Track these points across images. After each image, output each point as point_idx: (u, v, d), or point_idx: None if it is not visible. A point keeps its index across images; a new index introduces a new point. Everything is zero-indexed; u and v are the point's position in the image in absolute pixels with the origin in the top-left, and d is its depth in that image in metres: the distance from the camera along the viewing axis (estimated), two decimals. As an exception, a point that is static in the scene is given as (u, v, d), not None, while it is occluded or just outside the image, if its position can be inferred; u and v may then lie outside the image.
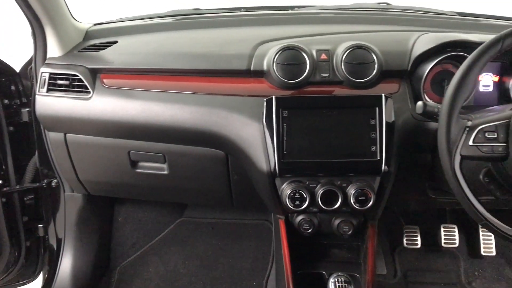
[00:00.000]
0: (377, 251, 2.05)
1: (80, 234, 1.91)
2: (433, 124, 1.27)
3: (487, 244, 2.02)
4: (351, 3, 1.89)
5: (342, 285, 1.08)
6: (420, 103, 1.14)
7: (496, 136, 1.01)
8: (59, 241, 1.88)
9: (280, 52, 1.32)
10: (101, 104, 1.42)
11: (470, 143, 1.01)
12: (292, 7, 1.87)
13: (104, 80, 1.45)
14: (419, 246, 2.03)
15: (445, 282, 2.00)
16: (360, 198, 1.27)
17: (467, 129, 1.02)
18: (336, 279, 1.10)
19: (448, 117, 1.02)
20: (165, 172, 1.53)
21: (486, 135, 1.01)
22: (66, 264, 1.87)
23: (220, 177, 1.51)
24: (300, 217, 1.41)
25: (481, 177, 1.07)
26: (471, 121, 1.03)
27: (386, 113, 1.25)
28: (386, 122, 1.25)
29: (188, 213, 2.26)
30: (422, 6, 1.87)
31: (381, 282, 1.98)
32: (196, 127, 1.36)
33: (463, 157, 1.01)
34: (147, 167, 1.56)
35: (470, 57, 1.03)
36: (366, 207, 1.27)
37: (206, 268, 2.07)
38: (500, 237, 1.03)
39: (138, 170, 1.56)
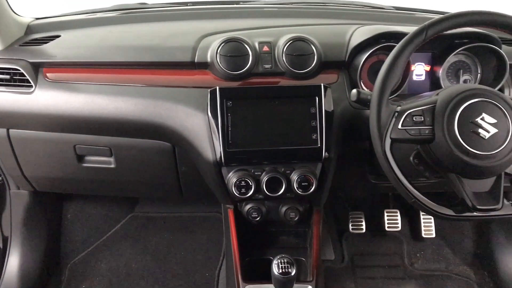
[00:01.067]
0: (325, 237, 2.13)
1: (27, 232, 1.87)
2: (369, 112, 1.34)
3: (428, 227, 2.13)
4: (294, -4, 1.95)
5: (284, 266, 1.13)
6: (354, 91, 1.20)
7: (422, 119, 1.08)
8: (5, 240, 1.84)
9: (223, 44, 1.36)
10: (44, 98, 1.41)
11: (399, 126, 1.07)
12: (237, 1, 1.90)
13: (47, 74, 1.43)
14: (364, 230, 2.12)
15: (389, 264, 2.10)
16: (303, 183, 1.32)
17: (396, 113, 1.08)
18: (279, 261, 1.14)
19: (378, 102, 1.08)
20: (112, 166, 1.53)
21: (414, 119, 1.08)
22: (13, 263, 1.83)
23: (168, 169, 1.53)
24: (248, 206, 1.45)
25: (411, 159, 1.14)
26: (400, 106, 1.10)
27: (325, 102, 1.31)
28: (326, 111, 1.30)
29: (139, 208, 2.26)
30: (362, 1, 1.96)
31: (330, 267, 2.06)
32: (141, 119, 1.37)
33: (393, 140, 1.07)
34: (93, 161, 1.55)
35: (397, 47, 1.10)
36: (309, 192, 1.33)
37: (159, 262, 2.08)
38: (429, 214, 1.10)
39: (84, 165, 1.55)
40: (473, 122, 1.05)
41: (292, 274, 1.13)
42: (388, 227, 2.11)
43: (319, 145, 1.31)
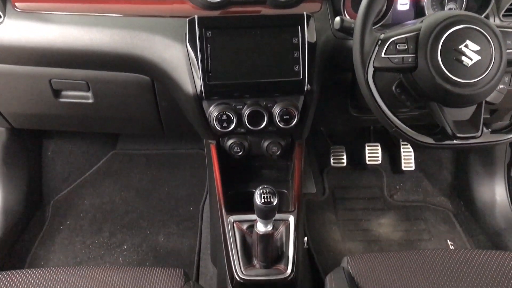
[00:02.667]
0: (307, 171, 2.16)
1: (7, 170, 1.85)
2: (352, 42, 1.32)
3: (407, 160, 2.18)
4: None
5: (267, 196, 1.14)
6: (337, 18, 1.17)
7: (406, 47, 1.06)
8: (-16, 178, 1.83)
9: None
10: (14, 29, 1.34)
11: (382, 55, 1.05)
12: None
13: (16, 4, 1.35)
14: (345, 164, 2.15)
15: (369, 196, 2.16)
16: (285, 117, 1.31)
17: (380, 41, 1.06)
18: (261, 191, 1.15)
19: (362, 29, 1.06)
20: (90, 101, 1.49)
21: (398, 46, 1.06)
22: None
23: (147, 104, 1.50)
24: (230, 141, 1.44)
25: (393, 88, 1.13)
26: (383, 34, 1.08)
27: (308, 32, 1.27)
28: (308, 41, 1.27)
29: (121, 145, 2.24)
30: None
31: (311, 200, 2.10)
32: (117, 51, 1.31)
33: (376, 69, 1.06)
34: (70, 96, 1.50)
35: None
36: (291, 126, 1.32)
37: (142, 197, 2.10)
38: (409, 142, 1.11)
39: (61, 100, 1.51)
40: (456, 49, 1.03)
41: (274, 203, 1.14)
42: (368, 161, 2.15)
43: (301, 77, 1.28)
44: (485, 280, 1.09)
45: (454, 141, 1.08)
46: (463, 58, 1.03)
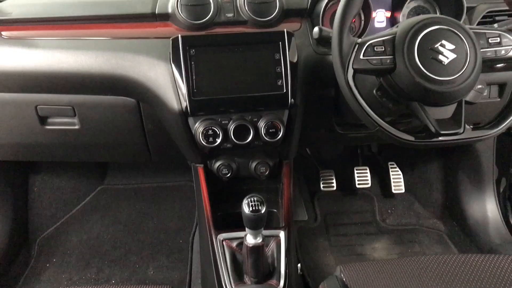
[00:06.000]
0: (297, 198, 2.15)
1: None
2: (331, 58, 1.35)
3: (397, 182, 2.18)
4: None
5: (254, 204, 1.13)
6: (316, 28, 1.21)
7: (383, 49, 1.09)
8: (-32, 215, 1.78)
9: None
10: (1, 56, 1.36)
11: (361, 56, 1.08)
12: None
13: (2, 33, 1.38)
14: (335, 188, 2.14)
15: (362, 221, 2.14)
16: (270, 130, 1.32)
17: (357, 45, 1.09)
18: (249, 200, 1.14)
19: (339, 33, 1.09)
20: (77, 127, 1.49)
21: (375, 49, 1.09)
22: None
23: (133, 127, 1.50)
24: (218, 163, 1.44)
25: (374, 92, 1.16)
26: (360, 39, 1.11)
27: (289, 47, 1.31)
28: (290, 57, 1.30)
29: (109, 180, 2.22)
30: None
31: (303, 227, 2.08)
32: (103, 72, 1.33)
33: (355, 70, 1.08)
34: (57, 122, 1.50)
35: None
36: (277, 139, 1.33)
37: (131, 232, 2.06)
38: (393, 141, 1.12)
39: (48, 127, 1.50)
40: (432, 48, 1.07)
41: (262, 211, 1.12)
42: (358, 184, 2.14)
43: (284, 91, 1.31)
44: (481, 282, 1.07)
45: (440, 138, 1.09)
46: (440, 56, 1.06)
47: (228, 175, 1.45)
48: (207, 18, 1.34)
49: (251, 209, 1.12)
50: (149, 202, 2.17)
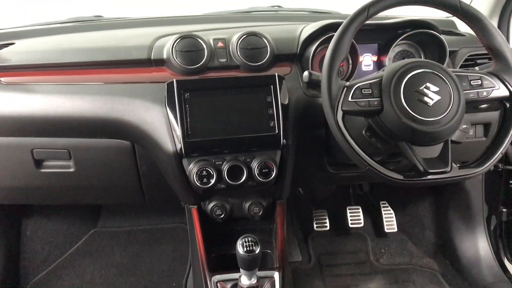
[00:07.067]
0: (291, 239, 2.15)
1: None
2: (321, 100, 1.40)
3: (389, 221, 2.19)
4: (247, 7, 2.03)
5: (249, 244, 1.14)
6: (306, 72, 1.26)
7: (371, 92, 1.14)
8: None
9: (178, 40, 1.39)
10: None
11: (349, 99, 1.13)
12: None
13: (1, 79, 1.42)
14: (328, 228, 2.15)
15: (355, 261, 2.13)
16: (263, 170, 1.35)
17: (345, 88, 1.14)
18: (243, 240, 1.15)
19: (328, 76, 1.14)
20: (72, 170, 1.51)
21: (363, 91, 1.13)
22: None
23: (128, 169, 1.52)
24: (212, 204, 1.45)
25: (363, 133, 1.19)
26: (348, 82, 1.16)
27: (280, 90, 1.35)
28: (281, 99, 1.35)
29: (102, 223, 2.21)
30: (311, 7, 2.06)
31: (297, 268, 2.07)
32: (99, 116, 1.36)
33: (344, 112, 1.12)
34: (52, 166, 1.52)
35: (342, 25, 1.17)
36: (270, 179, 1.35)
37: (124, 275, 2.03)
38: (383, 180, 1.15)
39: (43, 170, 1.52)
40: (417, 90, 1.11)
41: (257, 252, 1.13)
42: (351, 224, 2.15)
43: (277, 132, 1.34)
44: None
45: (428, 176, 1.12)
46: (425, 98, 1.11)
47: (222, 216, 1.46)
48: (201, 63, 1.39)
49: (245, 249, 1.13)
50: (142, 244, 2.16)
